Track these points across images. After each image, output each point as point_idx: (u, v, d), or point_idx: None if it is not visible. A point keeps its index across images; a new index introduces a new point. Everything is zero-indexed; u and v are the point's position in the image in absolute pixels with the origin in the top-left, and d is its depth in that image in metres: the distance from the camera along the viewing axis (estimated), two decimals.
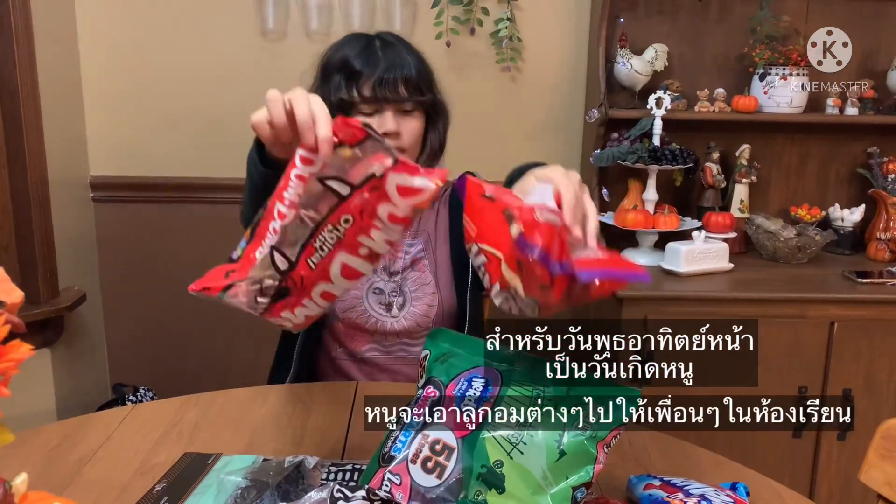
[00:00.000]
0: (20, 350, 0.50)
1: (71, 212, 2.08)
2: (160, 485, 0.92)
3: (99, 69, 2.16)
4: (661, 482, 0.85)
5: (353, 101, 1.23)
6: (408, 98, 1.24)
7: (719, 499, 0.81)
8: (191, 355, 2.27)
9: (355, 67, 1.23)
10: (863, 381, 1.82)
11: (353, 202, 0.72)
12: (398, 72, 1.23)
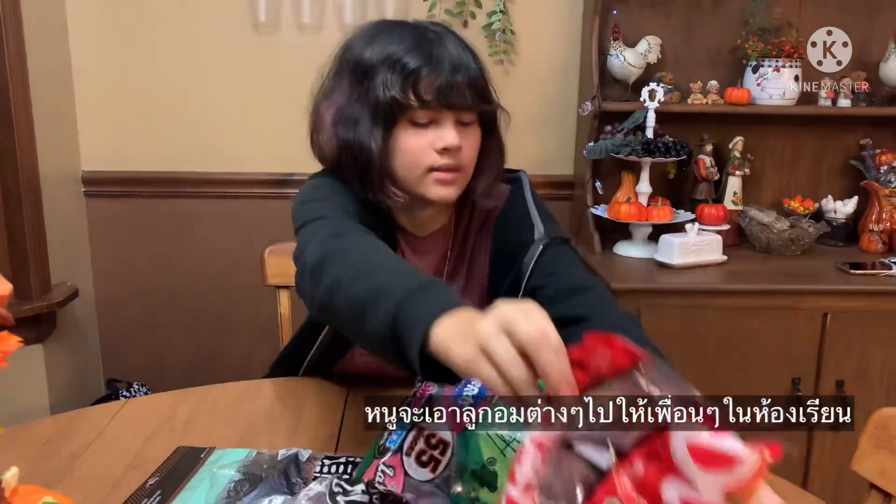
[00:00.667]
0: (9, 342, 0.50)
1: (63, 207, 2.07)
2: (153, 479, 0.91)
3: (90, 64, 2.15)
4: None
5: (408, 105, 1.00)
6: (475, 106, 1.03)
7: None
8: (185, 351, 2.27)
9: (412, 63, 0.99)
10: (855, 372, 1.83)
11: (620, 478, 0.48)
12: (464, 74, 1.01)
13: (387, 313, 0.71)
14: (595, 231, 2.05)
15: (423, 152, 1.02)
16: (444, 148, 1.01)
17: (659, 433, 0.47)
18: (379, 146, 1.02)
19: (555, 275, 1.04)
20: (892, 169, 2.11)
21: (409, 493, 0.72)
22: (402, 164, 1.03)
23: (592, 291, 1.01)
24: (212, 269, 2.24)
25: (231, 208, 2.22)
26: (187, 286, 2.26)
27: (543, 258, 1.05)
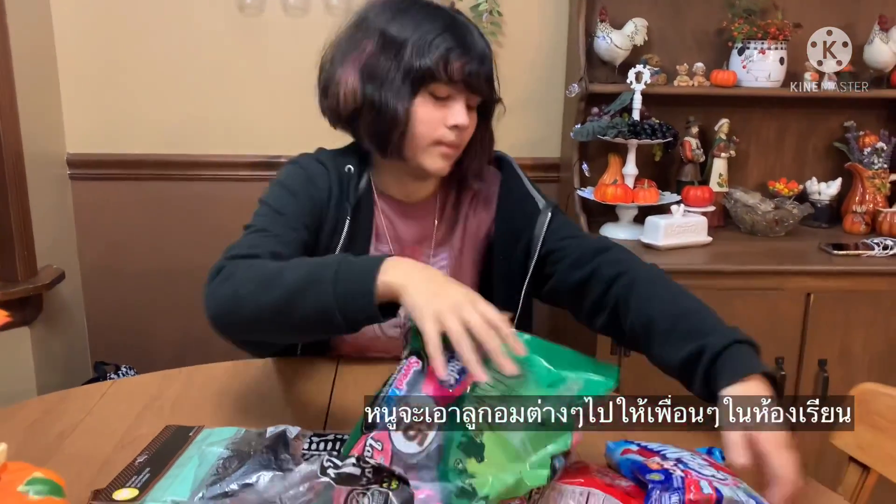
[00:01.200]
0: None
1: (48, 189, 2.06)
2: (142, 457, 0.92)
3: (74, 45, 2.13)
4: (638, 447, 0.87)
5: (438, 77, 1.06)
6: (488, 94, 1.13)
7: (695, 462, 0.83)
8: (173, 334, 2.26)
9: (447, 44, 1.06)
10: (838, 352, 1.86)
11: None
12: (487, 65, 1.10)
13: (326, 288, 0.87)
14: (582, 213, 2.05)
15: (435, 125, 1.09)
16: (454, 125, 1.09)
17: None
18: (405, 108, 1.08)
19: (569, 238, 1.16)
20: (875, 151, 2.14)
21: (396, 467, 0.73)
22: (415, 133, 1.10)
23: (615, 248, 1.14)
24: (198, 252, 2.22)
25: (217, 191, 2.21)
26: (175, 269, 2.25)
27: (553, 225, 1.18)
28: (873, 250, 1.90)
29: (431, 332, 0.79)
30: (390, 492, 0.66)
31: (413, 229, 1.22)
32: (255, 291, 0.93)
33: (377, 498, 0.66)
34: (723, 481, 0.78)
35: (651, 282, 1.08)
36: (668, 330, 0.98)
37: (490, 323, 0.80)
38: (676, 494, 0.74)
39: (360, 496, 0.66)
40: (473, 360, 0.78)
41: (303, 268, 0.92)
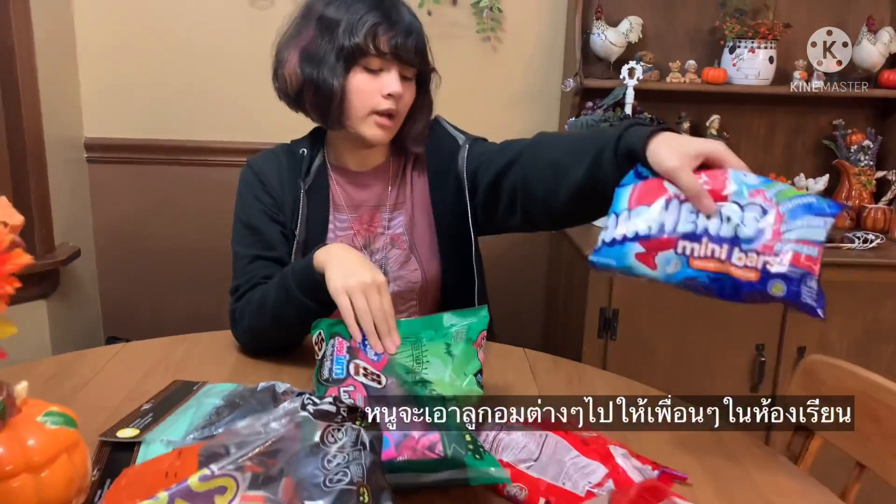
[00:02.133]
0: (22, 257, 0.59)
1: (66, 171, 2.16)
2: (147, 404, 1.01)
3: (93, 35, 2.22)
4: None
5: (367, 52, 1.18)
6: (419, 64, 1.23)
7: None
8: (181, 309, 2.36)
9: (373, 19, 1.18)
10: (817, 339, 1.93)
11: None
12: (414, 36, 1.21)
13: (289, 286, 1.13)
14: None
15: (371, 95, 1.21)
16: (388, 94, 1.20)
17: None
18: (340, 84, 1.20)
19: (483, 153, 1.26)
20: (861, 149, 2.20)
21: (372, 399, 0.86)
22: (352, 104, 1.22)
23: (511, 144, 1.23)
24: (207, 233, 2.33)
25: (226, 175, 2.28)
26: (184, 248, 2.35)
27: (473, 151, 1.28)
28: (853, 243, 1.97)
29: (345, 304, 1.03)
30: (362, 429, 0.75)
31: (368, 195, 1.34)
32: (259, 321, 1.19)
33: (350, 434, 0.74)
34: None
35: (538, 143, 1.17)
36: (566, 162, 1.06)
37: (384, 311, 1.03)
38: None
39: (335, 431, 0.75)
40: (373, 333, 1.02)
41: (274, 285, 1.17)
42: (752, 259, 0.79)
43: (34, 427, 0.75)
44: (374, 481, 0.73)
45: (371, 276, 1.06)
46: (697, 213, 0.82)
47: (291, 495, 0.70)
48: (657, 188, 0.86)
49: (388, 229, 1.33)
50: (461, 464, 0.81)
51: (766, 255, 0.78)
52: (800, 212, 0.78)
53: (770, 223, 0.78)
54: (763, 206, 0.79)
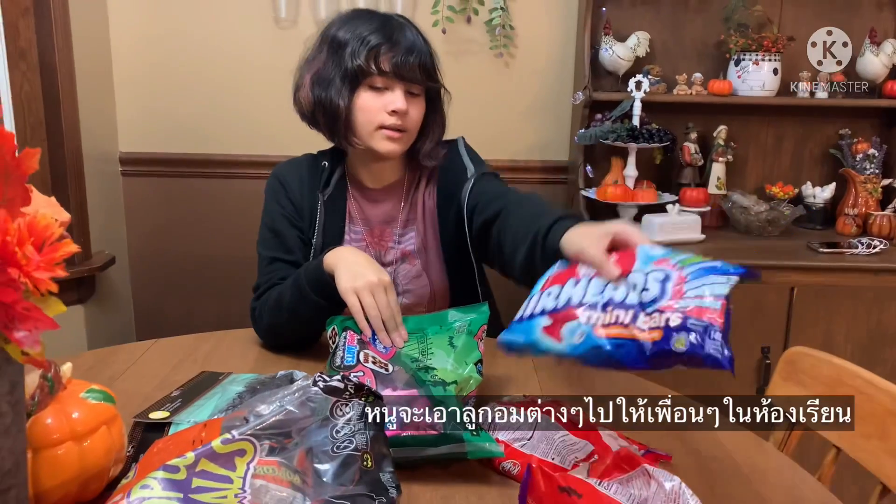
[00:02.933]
0: (70, 246, 0.69)
1: (102, 184, 2.29)
2: (177, 391, 1.11)
3: (127, 56, 2.35)
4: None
5: (369, 72, 1.25)
6: (421, 81, 1.29)
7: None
8: (210, 315, 2.46)
9: (375, 40, 1.25)
10: (821, 342, 1.97)
11: None
12: (417, 55, 1.26)
13: (302, 286, 1.22)
14: (586, 212, 2.20)
15: (376, 112, 1.28)
16: (393, 110, 1.27)
17: None
18: (346, 103, 1.28)
19: (483, 194, 1.31)
20: (867, 157, 2.25)
21: (380, 383, 0.94)
22: (360, 121, 1.30)
23: (507, 193, 1.29)
24: (234, 242, 2.44)
25: (253, 186, 2.40)
26: (213, 256, 2.46)
27: (475, 188, 1.33)
28: (857, 249, 2.02)
29: (354, 303, 1.13)
30: (367, 403, 0.84)
31: (381, 212, 1.41)
32: (276, 319, 1.28)
33: (356, 408, 0.83)
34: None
35: (516, 204, 1.22)
36: (518, 239, 1.12)
37: (391, 308, 1.12)
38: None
39: (343, 405, 0.83)
40: (381, 328, 1.12)
41: (289, 286, 1.26)
42: (656, 319, 0.76)
43: (78, 402, 0.85)
44: (377, 449, 0.81)
45: (377, 276, 1.15)
46: (605, 287, 0.83)
47: (303, 461, 0.79)
48: (570, 272, 0.90)
49: (399, 244, 1.40)
50: (459, 439, 0.89)
51: (668, 313, 0.75)
52: (702, 273, 0.78)
53: (672, 284, 0.77)
54: (667, 271, 0.79)
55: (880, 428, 0.96)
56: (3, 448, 0.69)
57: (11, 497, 0.71)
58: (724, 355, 0.70)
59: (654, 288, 0.78)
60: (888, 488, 0.95)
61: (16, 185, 0.71)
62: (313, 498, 0.73)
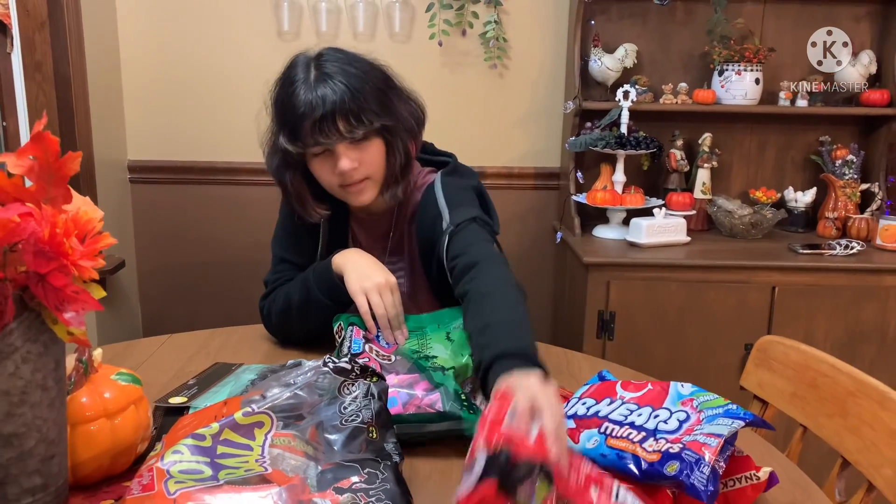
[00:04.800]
0: (108, 238, 0.78)
1: (112, 190, 2.37)
2: (193, 380, 1.19)
3: (136, 68, 2.44)
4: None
5: (300, 151, 1.24)
6: (349, 133, 1.20)
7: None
8: (216, 317, 2.53)
9: (293, 115, 1.21)
10: (801, 339, 2.01)
11: None
12: (330, 106, 1.18)
13: (310, 287, 1.30)
14: (577, 215, 2.29)
15: (328, 176, 1.27)
16: (340, 172, 1.24)
17: None
18: (294, 181, 1.33)
19: (458, 256, 1.21)
20: (846, 163, 2.35)
21: (384, 370, 1.03)
22: (324, 184, 1.31)
23: (476, 267, 1.16)
24: (238, 247, 2.53)
25: (256, 193, 2.50)
26: (218, 261, 2.55)
27: (451, 245, 1.24)
28: (835, 250, 2.11)
29: (363, 303, 1.20)
30: (371, 383, 0.92)
31: (372, 239, 1.44)
32: (285, 317, 1.36)
33: (361, 387, 0.92)
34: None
35: (480, 296, 1.11)
36: (471, 344, 1.09)
37: (396, 308, 1.20)
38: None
39: (350, 385, 0.92)
40: (387, 326, 1.19)
41: (297, 285, 1.33)
42: (661, 444, 0.83)
43: (109, 383, 0.93)
44: (381, 423, 0.90)
45: (384, 277, 1.22)
46: (631, 412, 0.91)
47: (315, 435, 0.87)
48: (609, 389, 0.98)
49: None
50: (457, 417, 0.98)
51: (672, 444, 0.82)
52: (716, 416, 0.85)
53: (688, 424, 0.86)
54: (688, 412, 0.88)
55: (841, 407, 1.05)
56: (49, 419, 0.78)
57: (55, 464, 0.80)
58: (705, 487, 0.75)
59: (673, 424, 0.87)
60: (848, 461, 1.03)
61: (58, 184, 0.80)
62: (325, 462, 0.82)
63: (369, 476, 0.80)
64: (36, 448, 0.77)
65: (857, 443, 1.01)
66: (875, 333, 2.06)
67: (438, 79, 2.43)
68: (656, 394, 0.93)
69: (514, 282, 1.14)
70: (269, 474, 0.77)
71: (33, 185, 0.76)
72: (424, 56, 2.41)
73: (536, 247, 2.55)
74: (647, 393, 0.93)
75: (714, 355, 2.08)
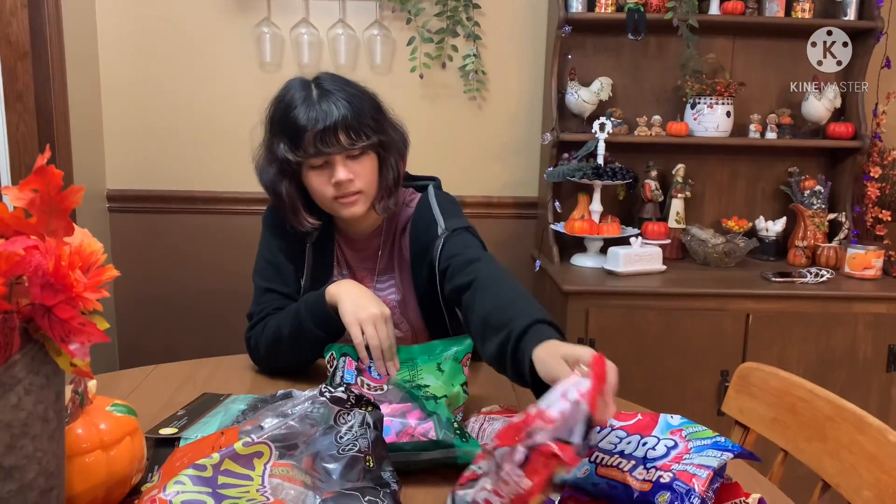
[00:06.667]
0: (112, 271, 0.79)
1: (90, 220, 2.36)
2: (182, 410, 1.19)
3: (116, 98, 2.45)
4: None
5: (300, 160, 1.30)
6: (350, 146, 1.28)
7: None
8: (194, 348, 2.52)
9: (295, 126, 1.27)
10: (776, 365, 2.08)
11: None
12: (334, 119, 1.26)
13: (303, 318, 1.29)
14: (555, 244, 2.34)
15: (324, 187, 1.33)
16: (336, 183, 1.30)
17: None
18: (289, 190, 1.36)
19: (454, 256, 1.29)
20: (814, 193, 2.43)
21: (376, 400, 1.04)
22: (315, 198, 1.37)
23: (479, 261, 1.25)
24: (217, 276, 2.53)
25: (236, 222, 2.51)
26: (197, 290, 2.54)
27: (447, 246, 1.32)
28: (806, 278, 2.17)
29: (357, 334, 1.21)
30: (367, 412, 0.94)
31: (361, 259, 1.48)
32: (274, 348, 1.35)
33: (357, 416, 0.93)
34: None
35: (483, 285, 1.19)
36: (485, 326, 1.11)
37: (390, 339, 1.21)
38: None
39: (345, 414, 0.93)
40: (380, 357, 1.21)
41: (287, 316, 1.32)
42: (651, 473, 0.85)
43: (105, 414, 0.93)
44: (377, 452, 0.91)
45: (379, 308, 1.23)
46: (621, 441, 0.93)
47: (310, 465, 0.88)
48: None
49: (380, 292, 1.45)
50: (450, 445, 0.99)
51: (662, 471, 0.84)
52: (705, 447, 0.87)
53: (676, 451, 0.87)
54: (676, 441, 0.90)
55: (820, 431, 1.08)
56: (49, 451, 0.78)
57: (53, 496, 0.80)
58: None
59: (661, 450, 0.89)
60: (828, 484, 1.06)
61: (60, 217, 0.81)
62: (325, 491, 0.83)
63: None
64: (35, 480, 0.77)
65: (837, 466, 1.04)
66: (846, 359, 2.12)
67: (419, 110, 2.47)
68: (645, 424, 0.96)
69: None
70: (272, 503, 0.78)
71: (34, 218, 0.77)
72: (405, 88, 2.45)
73: (516, 275, 2.55)
74: (636, 423, 0.96)
75: (691, 381, 2.12)
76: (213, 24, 2.42)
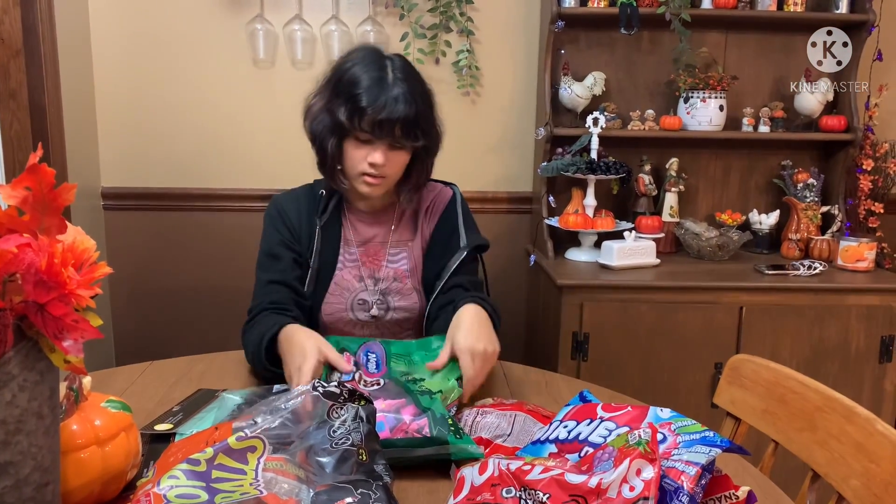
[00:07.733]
0: (105, 268, 0.79)
1: (85, 218, 2.36)
2: (177, 406, 1.20)
3: (111, 95, 2.45)
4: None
5: (353, 129, 1.35)
6: (401, 141, 1.36)
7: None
8: (189, 345, 2.52)
9: (361, 103, 1.32)
10: (769, 357, 2.08)
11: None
12: (399, 114, 1.32)
13: (261, 357, 1.31)
14: (549, 239, 2.35)
15: (359, 161, 1.40)
16: (371, 163, 1.38)
17: None
18: (333, 147, 1.40)
19: (459, 276, 1.46)
20: (807, 186, 2.43)
21: (372, 394, 1.05)
22: (346, 164, 1.42)
23: (469, 293, 1.40)
24: (213, 273, 2.53)
25: (230, 219, 2.51)
26: (192, 287, 2.54)
27: (461, 268, 1.47)
28: (799, 270, 2.18)
29: (295, 383, 1.18)
30: (360, 406, 0.94)
31: (375, 232, 1.53)
32: (248, 351, 1.40)
33: (350, 410, 0.94)
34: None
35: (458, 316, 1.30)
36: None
37: (314, 372, 1.18)
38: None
39: (339, 408, 0.94)
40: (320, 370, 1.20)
41: (255, 342, 1.33)
42: None
43: (99, 410, 0.94)
44: (370, 446, 0.92)
45: (301, 357, 1.19)
46: (610, 433, 0.96)
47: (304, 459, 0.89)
48: (590, 411, 1.01)
49: (393, 264, 1.51)
50: (444, 442, 1.00)
51: None
52: (692, 442, 0.88)
53: (665, 445, 0.90)
54: (665, 434, 0.92)
55: (810, 422, 1.09)
56: (45, 447, 0.79)
57: (49, 491, 0.80)
58: None
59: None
60: (818, 474, 1.08)
61: (53, 215, 0.81)
62: (318, 485, 0.83)
63: (362, 496, 0.82)
64: (31, 476, 0.78)
65: (826, 456, 1.05)
66: (838, 351, 2.13)
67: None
68: (634, 416, 0.97)
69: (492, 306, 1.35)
70: (265, 497, 0.79)
71: (27, 216, 0.78)
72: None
73: (510, 269, 2.59)
74: (625, 414, 0.97)
75: (685, 374, 2.13)
76: (207, 20, 2.42)
